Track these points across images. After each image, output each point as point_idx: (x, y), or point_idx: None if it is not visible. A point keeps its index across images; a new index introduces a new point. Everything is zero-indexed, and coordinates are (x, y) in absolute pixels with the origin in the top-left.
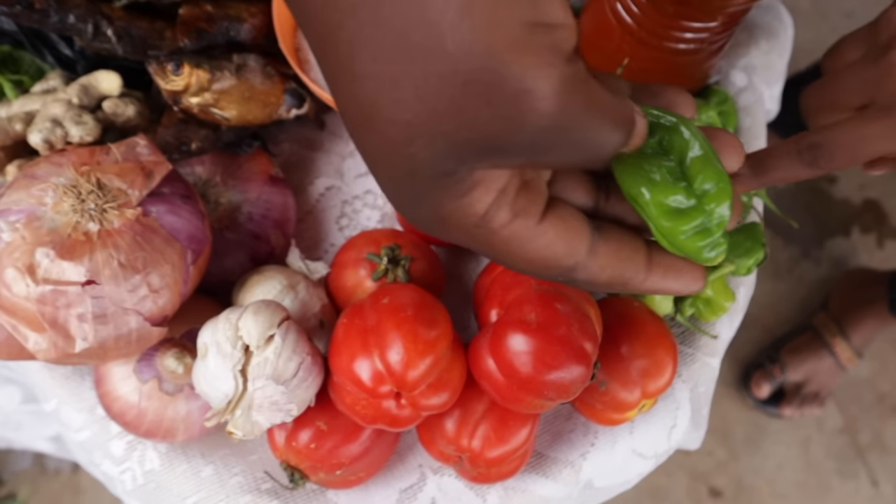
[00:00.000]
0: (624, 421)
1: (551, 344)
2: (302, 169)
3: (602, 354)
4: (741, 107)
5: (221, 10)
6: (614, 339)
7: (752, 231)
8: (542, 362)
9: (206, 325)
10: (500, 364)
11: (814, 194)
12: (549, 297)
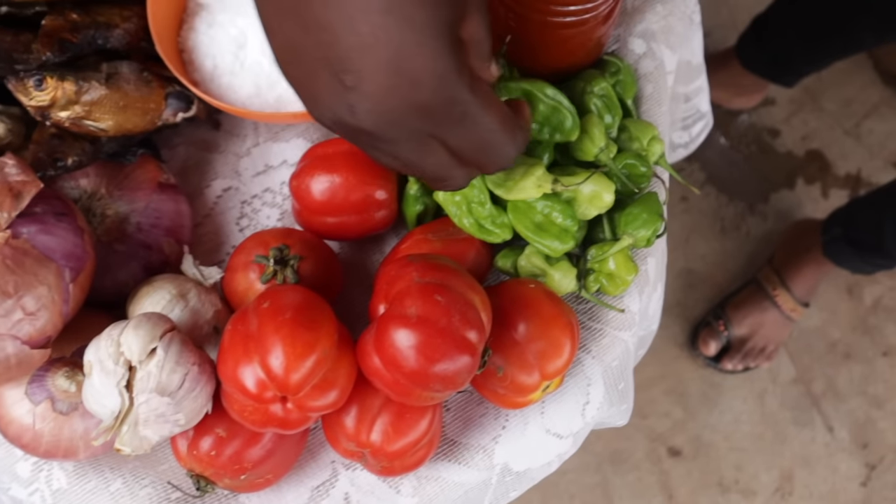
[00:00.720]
0: (529, 403)
1: (433, 337)
2: (199, 171)
3: (496, 339)
4: (642, 74)
5: (89, 17)
6: (509, 322)
7: (650, 202)
8: (425, 356)
9: (90, 343)
10: (384, 360)
11: (757, 148)
12: (430, 290)
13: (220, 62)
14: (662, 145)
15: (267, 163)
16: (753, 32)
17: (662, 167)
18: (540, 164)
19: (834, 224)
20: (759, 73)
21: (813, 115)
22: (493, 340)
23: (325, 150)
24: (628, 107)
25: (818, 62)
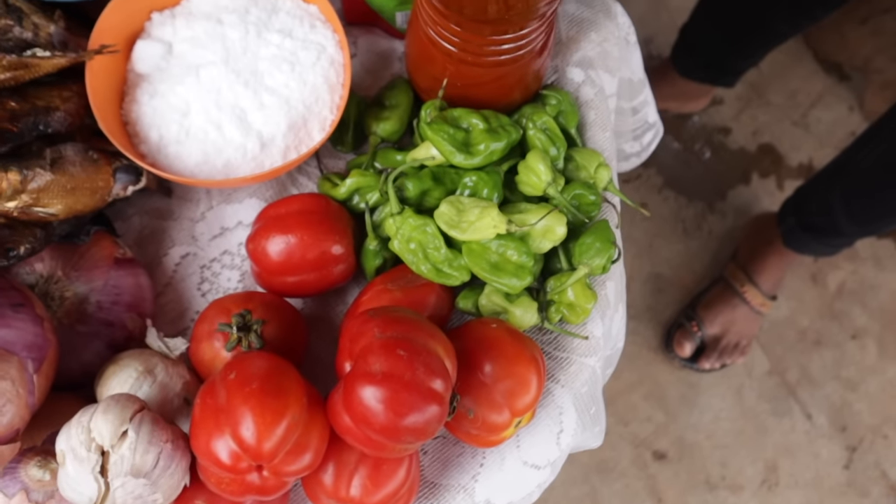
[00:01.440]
0: (503, 440)
1: (399, 391)
2: (155, 240)
3: (464, 382)
4: (583, 101)
5: (28, 103)
6: (475, 364)
7: (602, 230)
8: (394, 410)
9: (61, 431)
10: (354, 418)
11: (710, 147)
12: (392, 344)
13: (165, 132)
14: (609, 171)
15: (222, 225)
16: (682, 42)
17: (612, 192)
18: (493, 206)
19: (787, 214)
20: (697, 79)
21: (761, 109)
22: (461, 384)
23: (278, 211)
24: (572, 136)
25: (748, 58)
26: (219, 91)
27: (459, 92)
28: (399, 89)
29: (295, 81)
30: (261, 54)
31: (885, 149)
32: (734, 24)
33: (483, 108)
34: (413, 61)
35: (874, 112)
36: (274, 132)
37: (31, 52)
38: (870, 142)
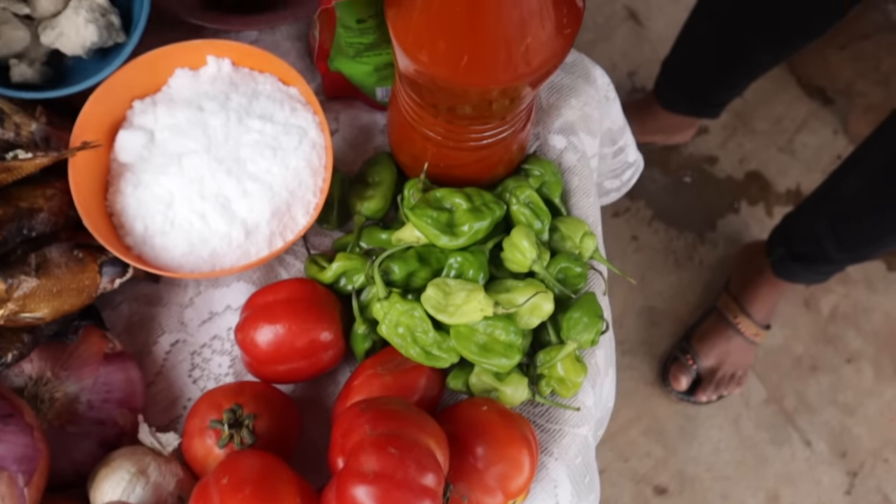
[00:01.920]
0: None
1: (391, 490)
2: (145, 328)
3: (457, 468)
4: (566, 168)
5: (11, 205)
6: (467, 449)
7: (589, 304)
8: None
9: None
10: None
11: (698, 177)
12: (383, 442)
13: (150, 223)
14: (595, 240)
15: (211, 310)
16: (665, 76)
17: (598, 261)
18: (479, 289)
19: (776, 244)
20: (681, 111)
21: (746, 137)
22: (454, 469)
23: (266, 299)
24: (556, 205)
25: (731, 89)
26: (202, 180)
27: (442, 171)
28: (382, 165)
29: (277, 167)
30: (243, 141)
31: (868, 175)
32: (715, 56)
33: (467, 184)
34: (394, 139)
35: (859, 135)
36: (258, 219)
37: (13, 154)
38: (852, 169)
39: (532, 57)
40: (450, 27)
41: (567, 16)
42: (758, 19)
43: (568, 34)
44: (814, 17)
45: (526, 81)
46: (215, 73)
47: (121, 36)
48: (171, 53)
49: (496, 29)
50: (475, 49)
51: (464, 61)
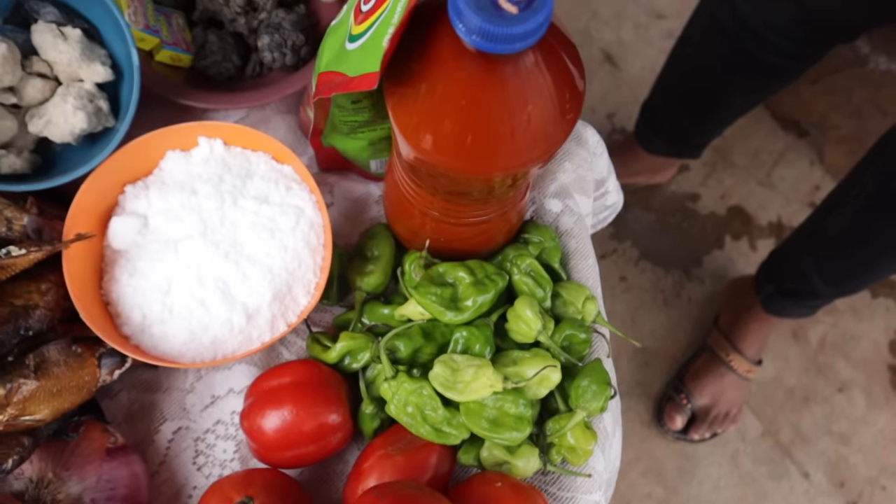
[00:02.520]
0: None
1: None
2: (146, 416)
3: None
4: (563, 231)
5: (6, 304)
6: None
7: (595, 371)
8: None
9: None
10: None
11: (681, 215)
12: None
13: (148, 312)
14: (596, 304)
15: (213, 394)
16: (645, 120)
17: (600, 324)
18: (487, 364)
19: (764, 282)
20: (662, 154)
21: (726, 172)
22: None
23: (270, 384)
24: (556, 270)
25: (711, 132)
26: (199, 266)
27: (442, 245)
28: (380, 238)
29: (276, 249)
30: (239, 223)
31: (850, 215)
32: (693, 102)
33: (467, 255)
34: (391, 213)
35: (835, 165)
36: (259, 303)
37: (6, 250)
38: (834, 208)
39: (536, 144)
40: (453, 116)
41: (569, 101)
42: (734, 67)
43: (570, 119)
44: (789, 63)
45: (529, 168)
46: (207, 154)
47: (110, 120)
48: (161, 136)
49: (500, 118)
50: (479, 138)
51: (468, 150)
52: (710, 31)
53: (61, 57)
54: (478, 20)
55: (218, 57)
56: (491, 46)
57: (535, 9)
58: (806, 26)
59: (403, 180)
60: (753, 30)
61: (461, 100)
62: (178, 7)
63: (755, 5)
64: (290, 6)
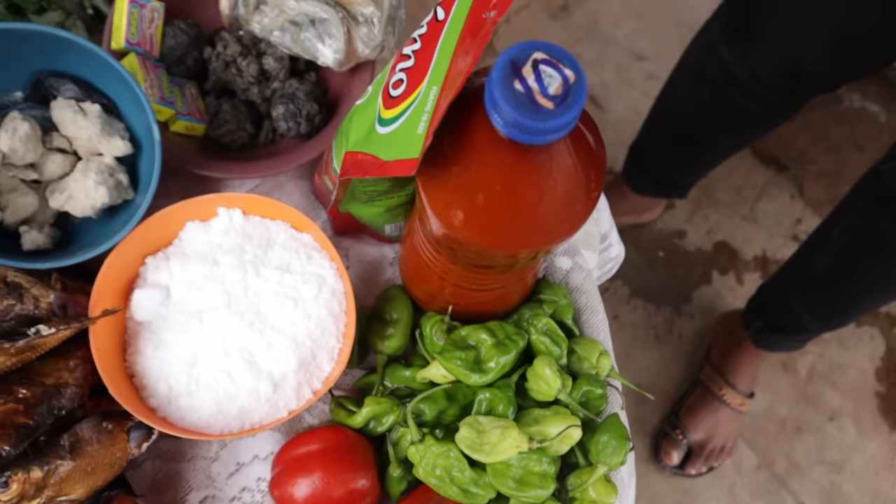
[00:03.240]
0: None
1: None
2: (171, 486)
3: None
4: (573, 287)
5: (38, 384)
6: None
7: (614, 426)
8: None
9: None
10: None
11: (668, 252)
12: None
13: (174, 384)
14: (609, 359)
15: (238, 461)
16: (632, 163)
17: (614, 378)
18: (512, 425)
19: (753, 317)
20: (649, 194)
21: (711, 209)
22: None
23: (298, 451)
24: (569, 326)
25: (697, 174)
26: (225, 336)
27: (460, 308)
28: (397, 301)
29: (300, 317)
30: (262, 293)
31: (834, 253)
32: (679, 146)
33: (484, 317)
34: (408, 275)
35: (814, 198)
36: (285, 371)
37: (35, 329)
38: (819, 247)
39: (564, 223)
40: (486, 199)
41: (595, 179)
42: (719, 115)
43: (595, 196)
44: (774, 112)
45: (557, 244)
46: (227, 224)
47: (129, 193)
48: (181, 209)
49: (532, 201)
50: (510, 219)
51: (498, 230)
52: (697, 80)
53: (81, 133)
54: (515, 114)
55: (232, 126)
56: (527, 138)
57: (569, 104)
58: (792, 79)
59: (424, 247)
60: (739, 81)
61: (495, 185)
62: (190, 77)
63: (742, 58)
64: (301, 74)
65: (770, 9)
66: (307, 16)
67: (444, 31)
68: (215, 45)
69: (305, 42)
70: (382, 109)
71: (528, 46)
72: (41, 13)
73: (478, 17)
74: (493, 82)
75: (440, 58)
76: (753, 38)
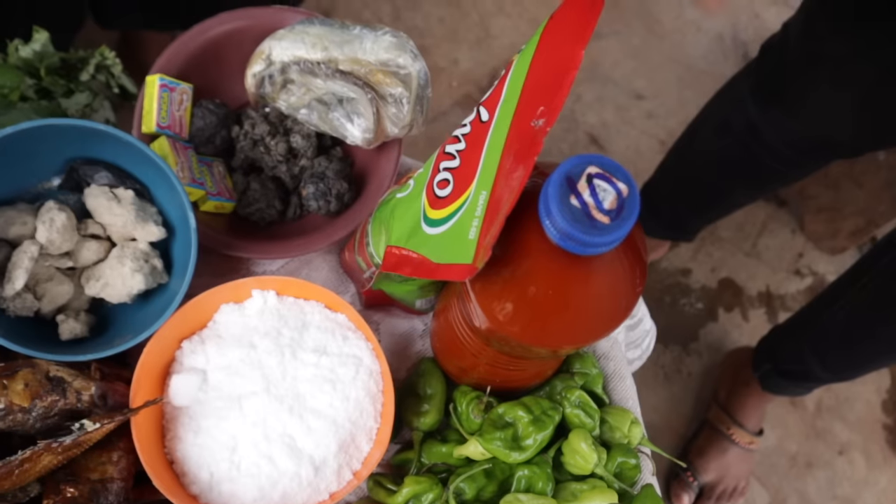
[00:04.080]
0: None
1: None
2: None
3: None
4: (600, 355)
5: (84, 481)
6: None
7: (651, 499)
8: None
9: None
10: None
11: (675, 291)
12: None
13: (215, 470)
14: (640, 427)
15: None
16: (643, 206)
17: (646, 446)
18: (552, 502)
19: (762, 360)
20: (658, 237)
21: (714, 246)
22: None
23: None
24: (599, 395)
25: (708, 220)
26: (265, 422)
27: (497, 385)
28: (431, 376)
29: (338, 400)
30: (300, 376)
31: (850, 311)
32: (695, 194)
33: (518, 390)
34: (441, 350)
35: (815, 232)
36: (325, 454)
37: (80, 425)
38: (836, 301)
39: (612, 319)
40: (536, 301)
41: (639, 275)
42: (740, 169)
43: (640, 290)
44: (796, 172)
45: (602, 338)
46: (262, 306)
47: (164, 277)
48: (217, 293)
49: (582, 303)
50: (560, 321)
51: (547, 329)
52: (720, 133)
53: (116, 220)
54: (572, 230)
55: (261, 204)
56: (581, 250)
57: (624, 217)
58: (818, 146)
59: (459, 324)
60: (765, 140)
61: (546, 289)
62: (218, 154)
63: (770, 120)
64: (327, 149)
65: (803, 81)
66: (335, 95)
67: (489, 134)
68: (242, 123)
69: (334, 121)
70: (428, 209)
71: (582, 161)
72: (69, 95)
73: (525, 123)
74: (550, 198)
75: (487, 161)
76: (784, 106)
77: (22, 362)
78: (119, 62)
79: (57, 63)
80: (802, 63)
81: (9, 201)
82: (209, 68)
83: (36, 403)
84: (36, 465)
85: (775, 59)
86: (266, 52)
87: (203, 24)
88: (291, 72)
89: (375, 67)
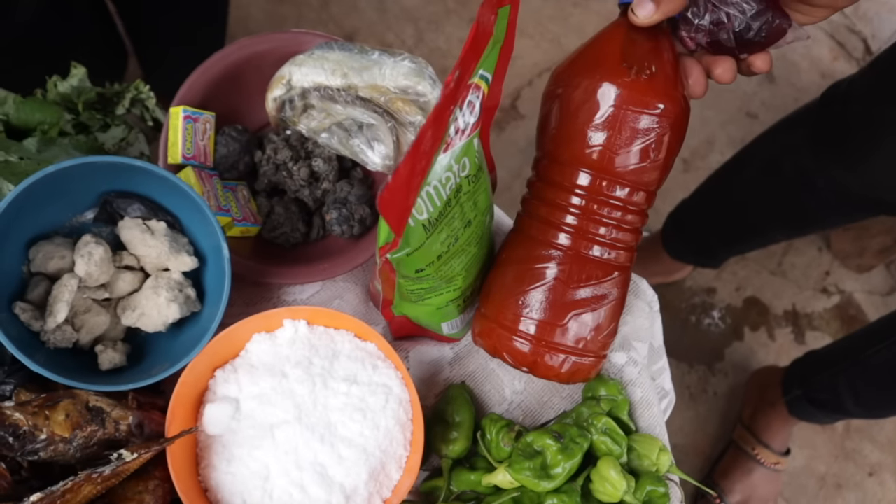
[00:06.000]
0: None
1: None
2: None
3: None
4: (627, 381)
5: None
6: None
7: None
8: None
9: None
10: None
11: (700, 310)
12: None
13: (248, 498)
14: (669, 455)
15: None
16: (675, 229)
17: (674, 474)
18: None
19: (792, 385)
20: (686, 261)
21: (739, 265)
22: None
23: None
24: (625, 422)
25: (738, 253)
26: (297, 450)
27: None
28: (459, 403)
29: (369, 429)
30: (331, 405)
31: (894, 352)
32: (731, 227)
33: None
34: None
35: (842, 250)
36: (356, 482)
37: (118, 455)
38: (881, 341)
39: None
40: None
41: None
42: (784, 211)
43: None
44: (839, 219)
45: None
46: (293, 335)
47: (197, 306)
48: (249, 322)
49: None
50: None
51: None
52: (768, 173)
53: (150, 251)
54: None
55: (286, 228)
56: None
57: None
58: (869, 202)
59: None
60: (816, 188)
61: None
62: (241, 178)
63: (824, 170)
64: (348, 171)
65: (865, 139)
66: (355, 121)
67: None
68: (265, 147)
69: (354, 147)
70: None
71: None
72: (106, 129)
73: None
74: None
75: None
76: (842, 161)
77: (63, 393)
78: (153, 95)
79: (94, 98)
80: (867, 122)
81: (45, 235)
82: (230, 93)
83: (76, 434)
84: (77, 495)
85: (838, 112)
86: (286, 76)
87: (223, 51)
88: (312, 97)
89: (395, 95)
